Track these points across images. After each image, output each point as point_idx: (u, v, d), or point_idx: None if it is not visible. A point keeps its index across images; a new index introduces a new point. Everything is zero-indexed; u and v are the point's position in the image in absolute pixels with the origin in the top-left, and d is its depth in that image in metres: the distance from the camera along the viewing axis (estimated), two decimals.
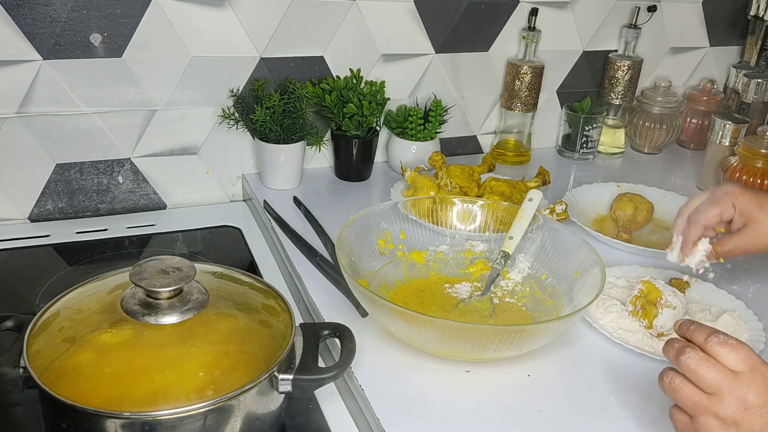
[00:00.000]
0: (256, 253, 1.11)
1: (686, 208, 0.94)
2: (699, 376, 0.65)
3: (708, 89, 1.55)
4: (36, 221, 1.16)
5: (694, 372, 0.65)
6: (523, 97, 1.39)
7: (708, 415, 0.64)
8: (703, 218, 0.90)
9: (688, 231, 0.91)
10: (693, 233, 0.90)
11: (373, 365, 0.83)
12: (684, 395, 0.66)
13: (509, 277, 1.00)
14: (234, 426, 0.67)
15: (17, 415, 0.79)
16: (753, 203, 0.88)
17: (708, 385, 0.64)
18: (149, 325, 0.69)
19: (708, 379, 0.64)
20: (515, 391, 0.81)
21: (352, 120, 1.23)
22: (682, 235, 0.92)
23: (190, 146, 1.21)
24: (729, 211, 0.89)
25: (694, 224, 0.90)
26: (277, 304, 0.78)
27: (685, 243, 0.91)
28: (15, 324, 0.73)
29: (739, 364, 0.64)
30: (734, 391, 0.63)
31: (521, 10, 1.37)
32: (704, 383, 0.64)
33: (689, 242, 0.91)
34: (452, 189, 1.16)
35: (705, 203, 0.91)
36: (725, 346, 0.65)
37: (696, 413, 0.65)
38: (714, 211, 0.89)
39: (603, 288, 0.86)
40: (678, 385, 0.66)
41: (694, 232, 0.90)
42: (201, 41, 1.14)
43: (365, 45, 1.27)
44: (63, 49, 1.07)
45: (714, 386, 0.64)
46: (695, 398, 0.65)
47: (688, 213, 0.92)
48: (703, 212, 0.90)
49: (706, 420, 0.64)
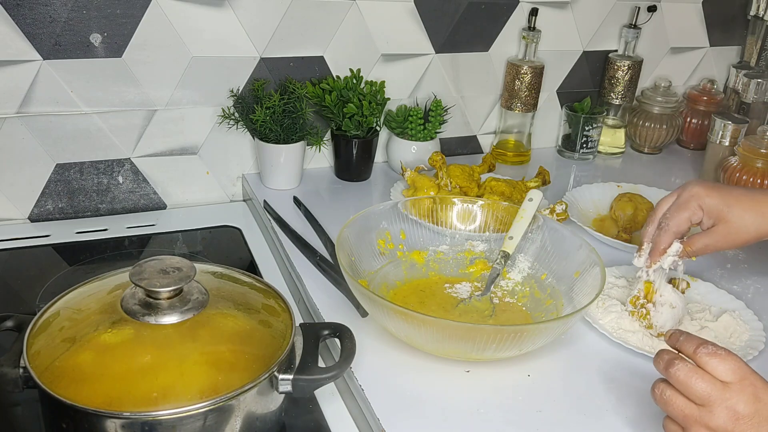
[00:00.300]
0: (256, 253, 1.11)
1: (655, 213, 0.92)
2: (689, 387, 0.65)
3: (708, 89, 1.55)
4: (36, 221, 1.16)
5: (684, 384, 0.65)
6: (523, 97, 1.39)
7: (699, 426, 0.64)
8: (673, 225, 0.88)
9: (659, 238, 0.90)
10: (664, 240, 0.89)
11: (373, 365, 0.83)
12: (675, 407, 0.66)
13: (509, 277, 1.00)
14: (234, 426, 0.67)
15: (17, 415, 0.79)
16: (720, 203, 0.88)
17: (698, 396, 0.64)
18: (149, 325, 0.69)
19: (698, 391, 0.64)
20: (515, 391, 0.81)
21: (352, 120, 1.23)
22: (652, 241, 0.91)
23: (190, 146, 1.21)
24: (698, 214, 0.88)
25: (664, 231, 0.89)
26: (277, 304, 0.78)
27: (655, 250, 0.90)
28: (15, 324, 0.73)
29: (728, 375, 0.64)
30: (724, 402, 0.63)
31: (521, 10, 1.37)
32: (694, 395, 0.65)
33: (659, 249, 0.89)
34: (452, 189, 1.16)
35: (673, 208, 0.90)
36: (714, 356, 0.65)
37: (687, 425, 0.65)
38: (683, 216, 0.88)
39: (603, 288, 0.86)
40: (669, 397, 0.67)
41: (665, 239, 0.89)
42: (201, 41, 1.14)
43: (365, 45, 1.27)
44: (63, 49, 1.07)
45: (704, 397, 0.64)
46: (686, 410, 0.65)
47: (658, 218, 0.91)
48: (672, 218, 0.89)
49: (697, 431, 0.64)
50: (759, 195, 0.89)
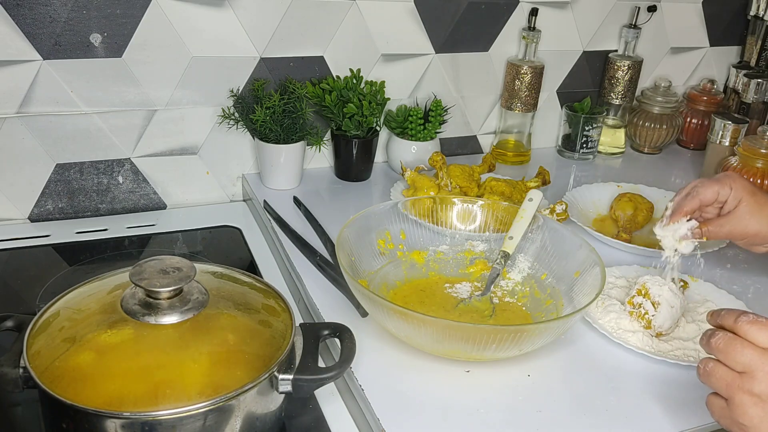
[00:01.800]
0: (256, 253, 1.11)
1: (687, 185, 0.95)
2: (729, 355, 0.65)
3: (708, 89, 1.55)
4: (36, 221, 1.16)
5: (725, 352, 0.65)
6: (523, 97, 1.39)
7: (742, 393, 0.63)
8: (702, 192, 0.91)
9: (683, 201, 0.92)
10: (688, 204, 0.92)
11: (373, 365, 0.83)
12: (717, 378, 0.66)
13: (509, 277, 1.00)
14: (234, 426, 0.67)
15: (17, 415, 0.79)
16: (747, 189, 0.91)
17: (739, 362, 0.64)
18: (149, 325, 0.69)
19: (738, 357, 0.64)
20: (515, 391, 0.81)
21: (352, 120, 1.23)
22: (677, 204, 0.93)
23: (190, 146, 1.21)
24: (726, 190, 0.91)
25: (692, 197, 0.92)
26: (277, 304, 0.78)
27: (677, 211, 0.92)
28: (15, 324, 0.73)
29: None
30: (766, 367, 0.62)
31: (521, 10, 1.37)
32: (735, 362, 0.64)
33: (681, 210, 0.92)
34: (452, 189, 1.16)
35: (706, 180, 0.93)
36: (755, 324, 0.65)
37: (730, 394, 0.65)
38: (713, 188, 0.91)
39: (603, 288, 0.86)
40: (711, 368, 0.66)
41: (690, 203, 0.92)
42: (201, 41, 1.14)
43: (365, 45, 1.27)
44: (63, 49, 1.07)
45: (745, 364, 0.64)
46: (728, 378, 0.65)
47: (690, 188, 0.94)
48: (703, 187, 0.92)
49: (740, 399, 0.64)
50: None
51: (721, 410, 0.66)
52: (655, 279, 0.91)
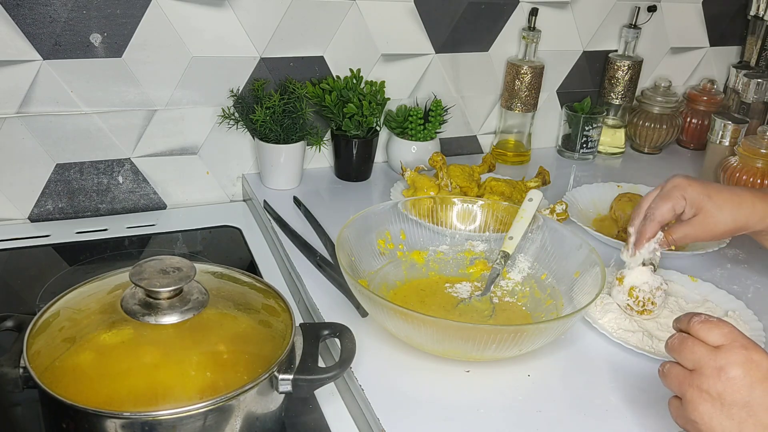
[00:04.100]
0: (256, 253, 1.11)
1: (640, 206, 0.95)
2: (681, 354, 0.66)
3: (708, 89, 1.55)
4: (36, 221, 1.16)
5: (678, 351, 0.67)
6: (523, 97, 1.39)
7: (692, 389, 0.65)
8: (658, 215, 0.92)
9: (644, 227, 0.93)
10: (649, 230, 0.92)
11: (373, 365, 0.83)
12: (672, 376, 0.67)
13: (509, 277, 1.00)
14: (234, 426, 0.67)
15: (17, 415, 0.79)
16: (701, 194, 0.91)
17: (689, 360, 0.66)
18: (149, 325, 0.69)
19: (689, 355, 0.66)
20: (515, 391, 0.81)
21: (352, 120, 1.23)
22: (638, 232, 0.94)
23: (190, 146, 1.21)
24: (680, 203, 0.92)
25: (650, 221, 0.92)
26: (277, 304, 0.78)
27: (640, 239, 0.93)
28: (15, 324, 0.73)
29: (719, 339, 0.65)
30: (714, 363, 0.64)
31: (521, 10, 1.37)
32: (687, 360, 0.66)
33: (644, 237, 0.93)
34: (452, 189, 1.16)
35: (657, 199, 0.93)
36: (705, 323, 0.66)
37: (682, 391, 0.66)
38: (667, 206, 0.92)
39: (603, 288, 0.86)
40: (668, 369, 0.68)
41: (650, 228, 0.92)
42: (201, 41, 1.14)
43: (365, 45, 1.27)
44: (63, 49, 1.07)
45: (695, 361, 0.65)
46: (681, 376, 0.66)
47: (644, 210, 0.94)
48: (657, 208, 0.92)
49: (691, 395, 0.65)
50: (738, 189, 0.93)
51: (677, 409, 0.68)
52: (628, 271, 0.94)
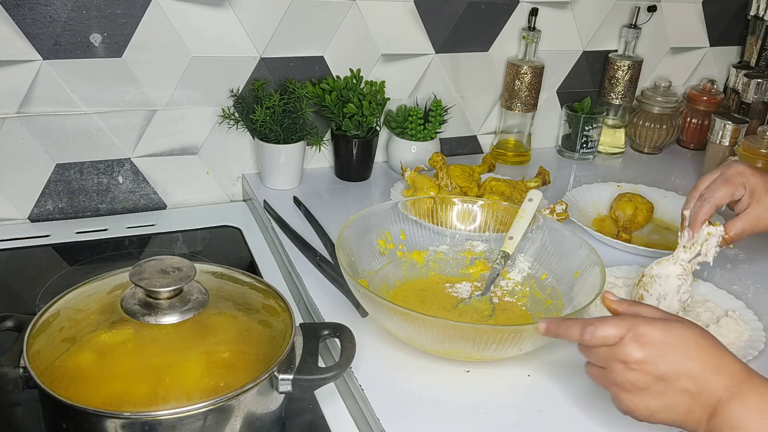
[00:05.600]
0: (256, 253, 1.11)
1: (696, 188, 0.93)
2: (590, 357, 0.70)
3: (708, 89, 1.55)
4: (36, 221, 1.16)
5: (587, 354, 0.70)
6: (523, 97, 1.39)
7: (611, 386, 0.68)
8: (717, 198, 0.90)
9: (700, 209, 0.91)
10: (704, 211, 0.90)
11: (373, 365, 0.83)
12: (593, 376, 0.71)
13: (509, 277, 1.00)
14: (234, 426, 0.67)
15: (17, 415, 0.79)
16: (762, 185, 0.90)
17: (598, 361, 0.69)
18: (149, 325, 0.69)
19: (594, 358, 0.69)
20: (515, 391, 0.81)
21: (352, 120, 1.23)
22: (692, 212, 0.92)
23: (190, 146, 1.21)
24: (740, 190, 0.90)
25: (706, 201, 0.90)
26: (277, 304, 0.78)
27: (695, 220, 0.91)
28: (15, 324, 0.73)
29: (613, 338, 0.67)
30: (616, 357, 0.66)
31: (521, 10, 1.37)
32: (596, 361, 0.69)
33: (699, 220, 0.90)
34: (452, 189, 1.16)
35: (717, 182, 0.91)
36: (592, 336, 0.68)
37: (605, 387, 0.69)
38: (726, 190, 0.90)
39: (603, 288, 0.86)
40: (588, 371, 0.71)
41: (706, 209, 0.90)
42: (201, 41, 1.14)
43: (365, 45, 1.27)
44: (63, 49, 1.07)
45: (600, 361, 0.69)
46: (598, 376, 0.70)
47: (701, 190, 0.92)
48: (716, 191, 0.90)
49: (613, 391, 0.68)
50: None
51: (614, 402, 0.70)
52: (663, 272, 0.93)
